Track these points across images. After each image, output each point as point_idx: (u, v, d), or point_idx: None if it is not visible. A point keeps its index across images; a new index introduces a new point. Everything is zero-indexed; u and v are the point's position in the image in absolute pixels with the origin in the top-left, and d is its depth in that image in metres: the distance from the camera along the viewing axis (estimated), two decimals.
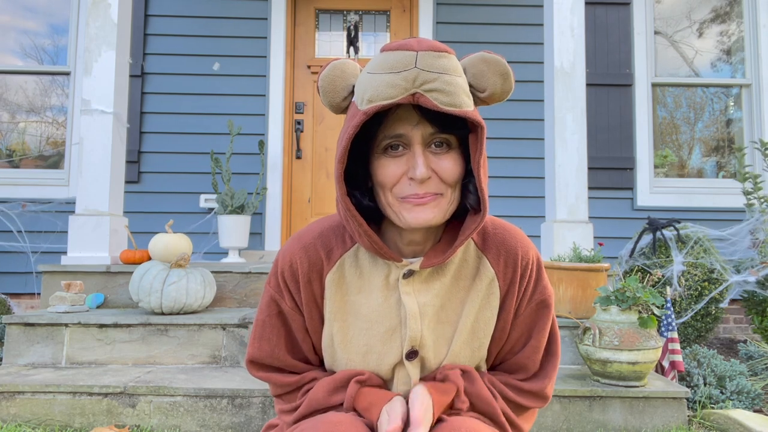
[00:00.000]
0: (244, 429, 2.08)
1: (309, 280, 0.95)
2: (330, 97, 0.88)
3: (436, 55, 0.80)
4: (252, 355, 0.99)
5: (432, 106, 0.79)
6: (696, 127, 4.44)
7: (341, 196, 0.85)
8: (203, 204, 4.05)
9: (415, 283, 0.93)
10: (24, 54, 4.22)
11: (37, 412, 2.10)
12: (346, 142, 0.81)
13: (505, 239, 0.97)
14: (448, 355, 0.93)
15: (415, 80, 0.79)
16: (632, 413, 2.14)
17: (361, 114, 0.80)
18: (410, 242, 0.93)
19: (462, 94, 0.81)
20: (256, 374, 1.00)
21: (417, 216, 0.85)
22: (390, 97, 0.79)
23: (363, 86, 0.82)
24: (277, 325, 0.98)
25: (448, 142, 0.86)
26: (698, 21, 4.42)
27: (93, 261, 2.91)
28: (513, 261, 0.96)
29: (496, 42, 4.20)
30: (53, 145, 4.23)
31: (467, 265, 0.96)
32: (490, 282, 0.95)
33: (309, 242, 0.96)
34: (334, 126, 4.25)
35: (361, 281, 0.95)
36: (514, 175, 4.12)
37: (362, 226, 0.87)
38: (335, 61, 0.88)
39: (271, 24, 4.16)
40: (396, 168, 0.85)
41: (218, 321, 2.46)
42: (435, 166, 0.85)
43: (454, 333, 0.94)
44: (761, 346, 2.96)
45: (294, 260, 0.96)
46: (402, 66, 0.79)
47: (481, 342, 0.95)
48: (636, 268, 3.05)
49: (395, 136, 0.85)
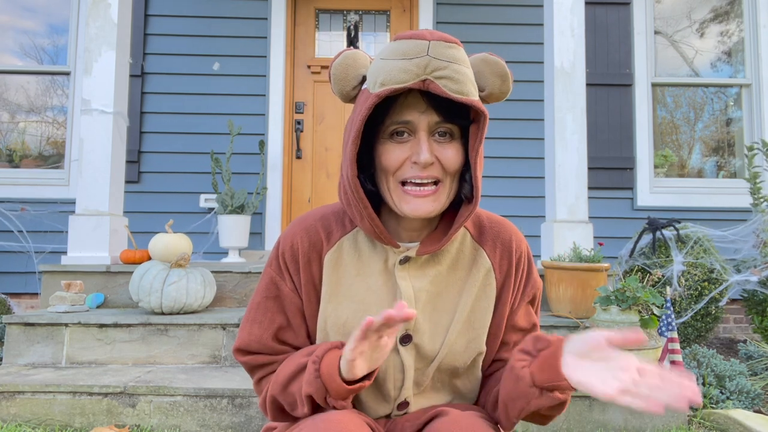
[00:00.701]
0: (244, 429, 2.08)
1: (309, 260, 0.97)
2: (341, 85, 0.91)
3: (446, 45, 0.84)
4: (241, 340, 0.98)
5: (441, 92, 0.82)
6: (696, 127, 4.44)
7: (351, 177, 0.87)
8: (203, 204, 4.05)
9: (411, 269, 0.95)
10: (24, 54, 4.22)
11: (37, 412, 2.10)
12: (360, 124, 0.84)
13: (500, 232, 1.01)
14: (444, 343, 0.94)
15: (426, 67, 0.82)
16: (632, 413, 2.14)
17: (374, 96, 0.84)
18: (408, 229, 0.96)
19: (469, 83, 0.85)
20: (241, 359, 0.99)
21: (415, 207, 0.88)
22: (402, 81, 0.82)
23: (376, 71, 0.86)
24: (273, 308, 0.98)
25: (452, 132, 0.89)
26: (698, 21, 4.42)
27: (93, 261, 2.90)
28: (508, 253, 1.00)
29: (496, 42, 4.20)
30: (53, 145, 4.23)
31: (464, 256, 0.99)
32: (487, 273, 0.98)
33: (310, 224, 0.99)
34: (334, 126, 4.25)
35: (360, 264, 0.97)
36: (514, 174, 4.12)
37: (367, 209, 0.89)
38: (347, 51, 0.91)
39: (271, 24, 4.16)
40: (400, 153, 0.88)
41: (218, 321, 2.46)
42: (438, 153, 0.88)
43: (450, 322, 0.95)
44: (761, 346, 2.96)
45: (295, 240, 0.97)
46: (415, 53, 0.83)
47: (477, 333, 0.97)
48: (636, 268, 3.05)
49: (402, 122, 0.87)
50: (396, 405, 0.97)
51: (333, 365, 0.84)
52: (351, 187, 0.88)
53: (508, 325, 1.00)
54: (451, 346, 0.95)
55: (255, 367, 0.99)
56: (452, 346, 0.95)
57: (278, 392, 0.92)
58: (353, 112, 0.90)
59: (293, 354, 0.95)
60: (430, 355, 0.95)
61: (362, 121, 0.84)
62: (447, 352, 0.94)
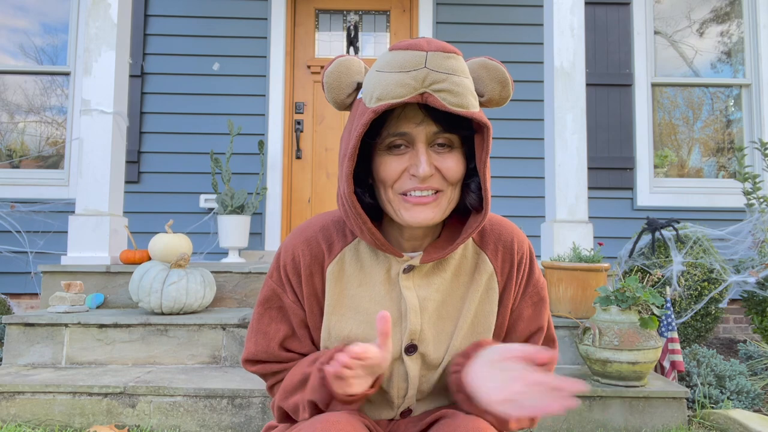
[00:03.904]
0: (244, 429, 2.08)
1: (311, 273, 0.96)
2: (335, 94, 0.88)
3: (445, 55, 0.81)
4: (248, 351, 0.99)
5: (440, 106, 0.79)
6: (696, 127, 4.44)
7: (348, 194, 0.85)
8: (203, 204, 4.05)
9: (415, 277, 0.94)
10: (23, 54, 4.22)
11: (37, 412, 2.10)
12: (356, 140, 0.82)
13: (501, 234, 0.99)
14: (448, 350, 0.94)
15: (424, 80, 0.79)
16: (632, 413, 2.14)
17: (370, 112, 0.81)
18: (410, 237, 0.94)
19: (469, 95, 0.82)
20: (251, 369, 1.00)
21: (415, 215, 0.86)
22: (399, 96, 0.79)
23: (372, 84, 0.83)
24: (276, 318, 0.98)
25: (451, 141, 0.87)
26: (698, 21, 4.42)
27: (93, 261, 2.90)
28: (510, 255, 0.98)
29: (496, 42, 4.20)
30: (53, 145, 4.23)
31: (466, 261, 0.98)
32: (489, 277, 0.97)
33: (311, 235, 0.97)
34: (334, 126, 4.25)
35: (362, 275, 0.95)
36: (514, 174, 4.12)
37: (366, 224, 0.87)
38: (340, 58, 0.88)
39: (271, 24, 4.16)
40: (398, 165, 0.86)
41: (218, 321, 2.46)
42: (438, 164, 0.86)
43: (454, 329, 0.94)
44: (761, 346, 2.96)
45: (296, 253, 0.96)
46: (412, 65, 0.80)
47: (481, 338, 0.96)
48: (636, 268, 3.05)
49: (399, 134, 0.85)
50: (399, 412, 0.97)
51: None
52: (348, 203, 0.86)
53: (509, 325, 1.00)
54: (456, 351, 0.94)
55: (266, 374, 1.00)
56: (457, 351, 0.94)
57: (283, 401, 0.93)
58: (349, 123, 0.88)
59: (300, 361, 0.95)
60: (434, 363, 0.94)
61: (359, 137, 0.82)
62: (451, 358, 0.94)
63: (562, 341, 2.51)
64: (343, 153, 0.87)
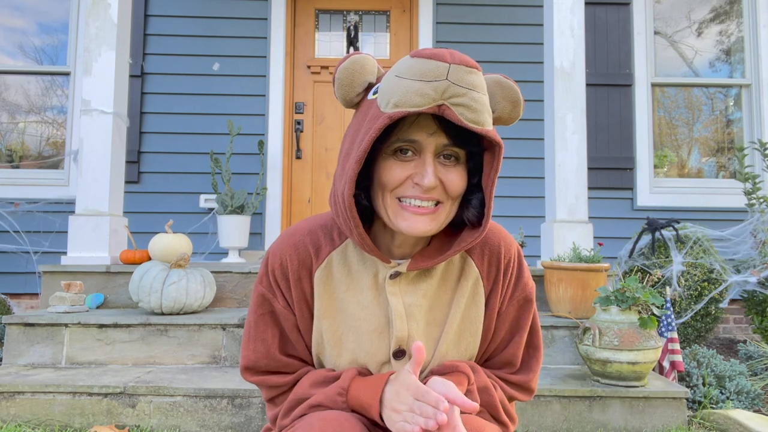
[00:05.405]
0: (244, 429, 2.08)
1: (299, 278, 0.96)
2: (345, 91, 0.88)
3: (467, 70, 0.79)
4: (248, 359, 0.98)
5: (456, 120, 0.79)
6: (695, 127, 4.44)
7: (347, 196, 0.84)
8: (203, 204, 4.05)
9: (402, 283, 0.94)
10: (23, 54, 4.22)
11: (37, 412, 2.10)
12: (368, 144, 0.80)
13: (488, 238, 0.99)
14: (434, 355, 0.94)
15: (444, 92, 0.78)
16: (632, 413, 2.14)
17: (385, 117, 0.79)
18: (401, 244, 0.94)
19: (485, 112, 0.81)
20: (251, 379, 0.99)
21: (413, 225, 0.85)
22: (417, 105, 0.78)
23: (390, 89, 0.81)
24: (271, 324, 0.98)
25: (457, 155, 0.87)
26: (698, 21, 4.42)
27: (93, 261, 2.90)
28: (496, 260, 0.98)
29: (496, 42, 4.20)
30: (53, 146, 4.23)
31: (452, 266, 0.98)
32: (475, 282, 0.97)
33: (298, 240, 0.97)
34: (334, 126, 4.25)
35: (350, 279, 0.95)
36: (513, 175, 4.12)
37: (358, 228, 0.86)
38: (355, 55, 0.87)
39: (271, 24, 4.16)
40: (402, 171, 0.85)
41: (218, 321, 2.46)
42: (442, 176, 0.85)
43: (441, 333, 0.95)
44: (761, 346, 2.97)
45: (284, 258, 0.96)
46: (433, 76, 0.78)
47: (469, 342, 0.97)
48: (635, 269, 3.05)
49: (409, 141, 0.84)
50: None
51: (368, 396, 0.87)
52: (345, 205, 0.85)
53: (496, 328, 1.00)
54: (442, 358, 0.95)
55: (267, 387, 0.99)
56: (443, 357, 0.95)
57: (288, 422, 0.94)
58: (356, 122, 0.87)
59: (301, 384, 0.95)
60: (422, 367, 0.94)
61: (370, 141, 0.80)
62: (439, 362, 0.95)
63: (562, 341, 2.51)
64: (346, 153, 0.86)
